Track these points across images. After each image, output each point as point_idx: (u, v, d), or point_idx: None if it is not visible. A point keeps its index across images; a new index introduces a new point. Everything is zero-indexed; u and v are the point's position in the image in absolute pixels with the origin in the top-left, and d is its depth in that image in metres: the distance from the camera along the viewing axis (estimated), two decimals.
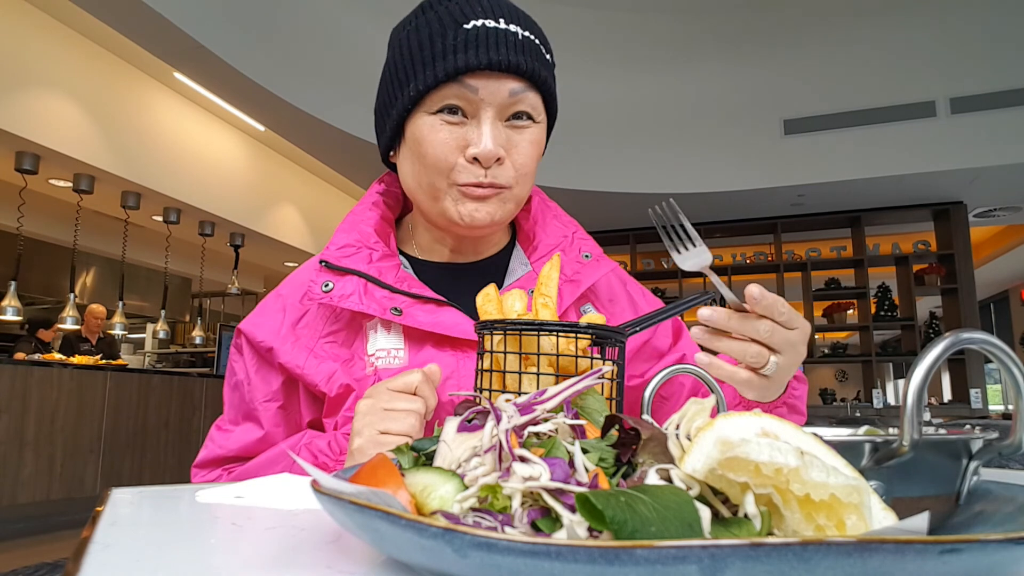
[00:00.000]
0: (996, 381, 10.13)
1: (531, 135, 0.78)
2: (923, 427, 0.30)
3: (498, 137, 0.75)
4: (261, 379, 0.83)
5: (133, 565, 0.30)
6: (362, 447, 0.65)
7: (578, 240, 0.90)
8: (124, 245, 6.12)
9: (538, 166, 0.82)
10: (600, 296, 0.90)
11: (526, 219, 0.92)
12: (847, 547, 0.20)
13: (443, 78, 0.73)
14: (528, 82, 0.76)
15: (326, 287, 0.78)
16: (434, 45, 0.74)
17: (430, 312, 0.78)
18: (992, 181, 5.91)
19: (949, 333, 0.32)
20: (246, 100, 4.88)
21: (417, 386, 0.67)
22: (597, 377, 0.41)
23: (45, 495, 4.28)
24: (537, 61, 0.76)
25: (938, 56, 5.74)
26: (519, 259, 0.91)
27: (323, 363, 0.79)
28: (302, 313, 0.84)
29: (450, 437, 0.36)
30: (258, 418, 0.83)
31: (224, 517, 0.41)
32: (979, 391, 6.28)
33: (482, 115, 0.75)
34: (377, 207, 0.89)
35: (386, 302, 0.78)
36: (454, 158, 0.75)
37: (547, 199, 0.95)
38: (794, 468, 0.25)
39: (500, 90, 0.74)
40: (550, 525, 0.27)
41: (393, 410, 0.66)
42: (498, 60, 0.72)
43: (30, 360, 4.58)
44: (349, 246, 0.82)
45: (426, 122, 0.75)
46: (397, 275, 0.81)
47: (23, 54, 4.49)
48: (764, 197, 6.39)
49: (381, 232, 0.86)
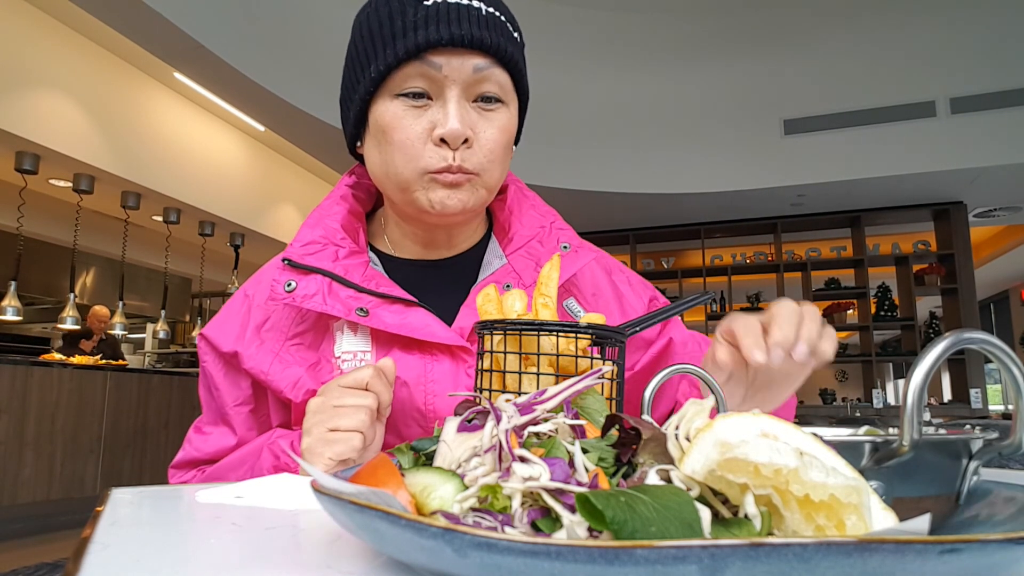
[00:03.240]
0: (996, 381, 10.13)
1: (500, 120, 0.74)
2: (923, 427, 0.30)
3: (465, 117, 0.71)
4: (230, 384, 0.81)
5: (133, 565, 0.30)
6: (311, 446, 0.63)
7: (556, 230, 0.85)
8: (124, 245, 6.12)
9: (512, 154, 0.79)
10: (583, 289, 0.86)
11: (501, 209, 0.88)
12: (847, 547, 0.20)
13: (403, 56, 0.70)
14: (493, 58, 0.72)
15: (288, 287, 0.75)
16: (394, 23, 0.71)
17: (398, 313, 0.75)
18: (992, 181, 5.91)
19: (949, 333, 0.32)
20: (246, 100, 4.88)
21: (368, 382, 0.65)
22: (597, 377, 0.41)
23: (45, 495, 4.28)
24: (502, 37, 0.73)
25: (938, 56, 5.75)
26: (494, 252, 0.86)
27: (288, 368, 0.76)
28: (268, 314, 0.80)
29: (450, 437, 0.36)
30: (231, 423, 0.81)
31: (224, 517, 0.41)
32: (979, 391, 6.28)
33: (447, 94, 0.71)
34: (345, 200, 0.86)
35: (352, 302, 0.74)
36: (421, 144, 0.71)
37: (524, 188, 0.91)
38: (793, 469, 0.25)
39: (464, 66, 0.71)
40: (550, 525, 0.27)
41: (342, 406, 0.64)
42: (460, 35, 0.69)
43: (30, 360, 4.57)
44: (314, 243, 0.79)
45: (390, 107, 0.72)
46: (365, 273, 0.78)
47: (23, 54, 4.49)
48: (764, 197, 6.39)
49: (349, 227, 0.83)
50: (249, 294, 0.84)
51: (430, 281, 0.83)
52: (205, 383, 0.83)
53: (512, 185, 0.89)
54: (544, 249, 0.83)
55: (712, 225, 7.21)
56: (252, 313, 0.81)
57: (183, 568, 0.30)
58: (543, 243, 0.83)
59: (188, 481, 0.83)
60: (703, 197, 6.37)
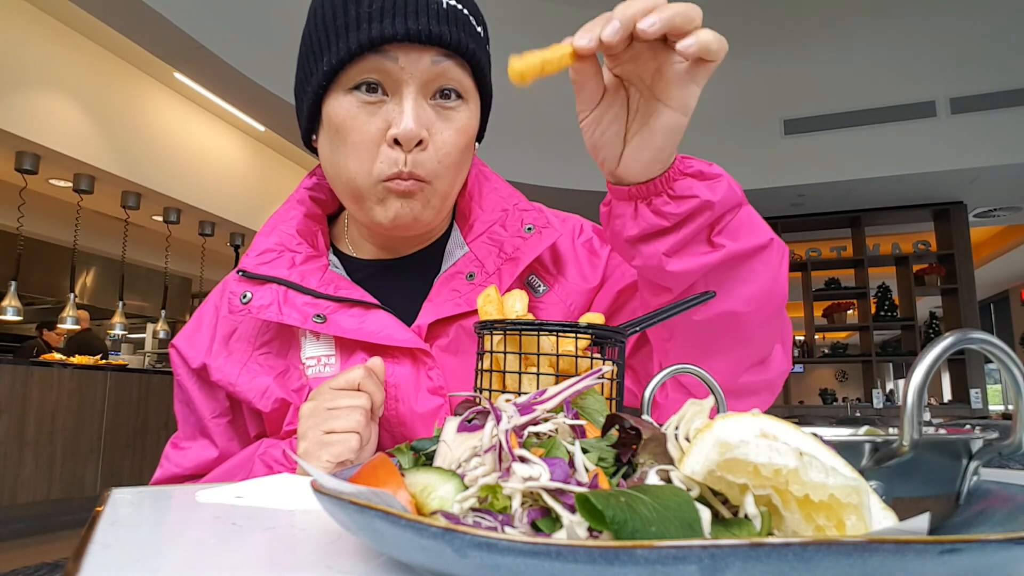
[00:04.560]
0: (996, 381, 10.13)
1: (459, 119, 0.71)
2: (923, 427, 0.30)
3: (421, 116, 0.68)
4: (205, 396, 0.80)
5: (133, 565, 0.30)
6: (308, 450, 0.62)
7: (519, 211, 0.81)
8: (124, 245, 6.12)
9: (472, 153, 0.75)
10: (545, 263, 0.81)
11: (462, 196, 0.84)
12: (847, 547, 0.20)
13: (356, 50, 0.66)
14: (453, 54, 0.69)
15: (244, 298, 0.73)
16: (347, 12, 0.67)
17: (356, 317, 0.73)
18: (992, 181, 5.91)
19: (949, 333, 0.32)
20: (246, 100, 4.88)
21: (360, 382, 0.64)
22: (597, 377, 0.41)
23: (45, 495, 4.28)
24: (464, 31, 0.69)
25: (938, 56, 5.75)
26: (456, 241, 0.83)
27: (256, 378, 0.75)
28: (235, 325, 0.79)
29: (450, 437, 0.36)
30: (210, 435, 0.79)
31: (224, 517, 0.41)
32: (979, 391, 6.28)
33: (404, 91, 0.68)
34: (302, 204, 0.83)
35: (308, 309, 0.72)
36: (375, 146, 0.68)
37: (487, 171, 0.86)
38: (793, 469, 0.25)
39: (421, 60, 0.67)
40: (550, 525, 0.27)
41: (336, 408, 0.63)
42: (417, 30, 0.66)
43: (30, 360, 4.57)
44: (269, 251, 0.77)
45: (343, 103, 0.69)
46: (323, 277, 0.76)
47: (23, 54, 4.49)
48: (764, 197, 6.38)
49: (305, 232, 0.81)
50: (217, 305, 0.82)
51: (393, 279, 0.81)
52: (180, 396, 0.81)
53: (473, 168, 0.85)
54: (507, 233, 0.79)
55: None
56: (220, 324, 0.79)
57: (183, 568, 0.30)
58: (505, 227, 0.80)
59: None
60: None
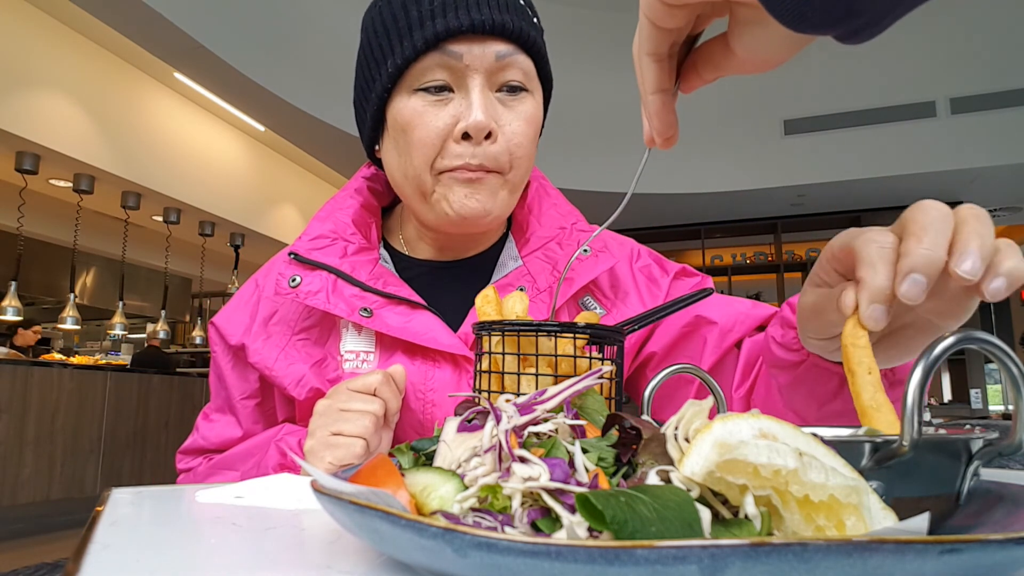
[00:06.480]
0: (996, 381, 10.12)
1: (526, 110, 0.71)
2: (923, 427, 0.30)
3: (489, 108, 0.68)
4: (238, 376, 0.80)
5: (133, 565, 0.30)
6: (313, 448, 0.62)
7: (577, 232, 0.81)
8: (124, 245, 6.12)
9: (536, 149, 0.74)
10: (602, 286, 0.81)
11: (521, 207, 0.84)
12: (847, 547, 0.20)
13: (422, 47, 0.66)
14: (516, 44, 0.69)
15: (293, 282, 0.72)
16: (409, 14, 0.68)
17: (402, 315, 0.72)
18: (992, 181, 5.91)
19: (949, 333, 0.32)
20: (246, 100, 4.88)
21: (377, 387, 0.63)
22: (597, 377, 0.41)
23: (45, 495, 4.28)
24: (524, 21, 0.69)
25: (938, 56, 5.75)
26: (509, 253, 0.82)
27: (293, 364, 0.75)
28: (276, 308, 0.79)
29: (450, 437, 0.36)
30: (237, 415, 0.80)
31: (224, 517, 0.41)
32: (979, 391, 6.28)
33: (470, 84, 0.68)
34: (360, 194, 0.82)
35: (356, 301, 0.72)
36: (441, 141, 0.68)
37: (548, 185, 0.86)
38: (792, 470, 0.25)
39: (486, 53, 0.67)
40: (550, 525, 0.27)
41: (348, 411, 0.62)
42: (481, 20, 0.66)
43: (31, 360, 4.57)
44: (323, 237, 0.76)
45: (408, 104, 0.69)
46: (373, 271, 0.75)
47: (23, 54, 4.49)
48: (764, 197, 6.39)
49: (360, 222, 0.80)
50: (260, 284, 0.82)
51: (442, 282, 0.80)
52: (215, 371, 0.83)
53: (535, 182, 0.85)
54: (563, 252, 0.79)
55: (712, 225, 7.20)
56: (261, 305, 0.80)
57: (183, 568, 0.30)
58: (562, 245, 0.79)
59: (194, 468, 0.83)
60: (703, 197, 6.37)
